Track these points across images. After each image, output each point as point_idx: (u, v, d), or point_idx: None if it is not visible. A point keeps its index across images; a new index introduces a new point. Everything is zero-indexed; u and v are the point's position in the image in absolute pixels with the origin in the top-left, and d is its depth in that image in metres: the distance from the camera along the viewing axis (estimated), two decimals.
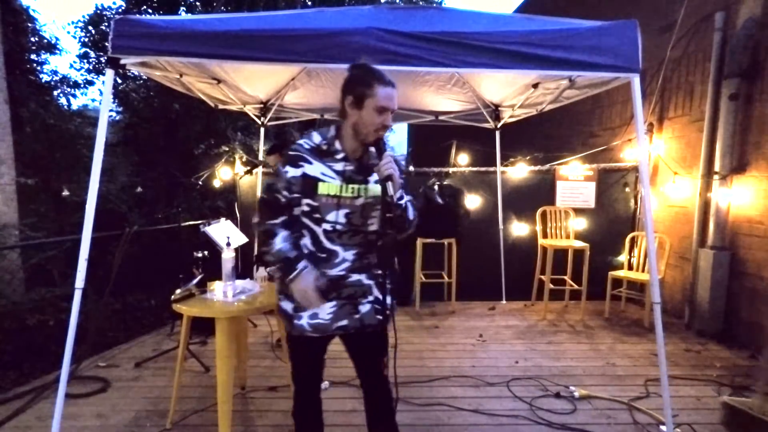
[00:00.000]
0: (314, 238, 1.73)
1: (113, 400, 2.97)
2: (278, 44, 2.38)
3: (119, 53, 2.40)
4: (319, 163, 1.70)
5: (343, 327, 1.78)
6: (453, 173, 5.44)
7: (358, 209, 1.72)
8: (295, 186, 1.70)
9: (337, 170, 1.71)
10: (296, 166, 1.70)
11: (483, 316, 4.84)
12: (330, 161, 1.71)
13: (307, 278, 1.68)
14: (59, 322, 4.19)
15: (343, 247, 1.73)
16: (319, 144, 1.73)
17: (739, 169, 4.02)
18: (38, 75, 10.12)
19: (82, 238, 2.43)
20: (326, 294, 1.72)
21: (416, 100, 4.84)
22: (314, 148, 1.72)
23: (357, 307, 1.78)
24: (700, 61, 4.44)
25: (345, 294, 1.76)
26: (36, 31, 9.78)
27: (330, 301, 1.75)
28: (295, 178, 1.70)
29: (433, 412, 2.86)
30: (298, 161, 1.71)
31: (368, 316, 1.80)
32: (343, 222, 1.71)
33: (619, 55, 2.45)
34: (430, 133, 7.75)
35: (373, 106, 1.63)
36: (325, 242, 1.72)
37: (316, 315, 1.76)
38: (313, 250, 1.74)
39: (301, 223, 1.75)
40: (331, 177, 1.70)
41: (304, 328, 1.77)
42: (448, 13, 2.91)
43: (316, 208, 1.70)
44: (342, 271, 1.74)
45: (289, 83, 4.18)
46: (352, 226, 1.72)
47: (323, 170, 1.70)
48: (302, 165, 1.70)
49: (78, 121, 9.11)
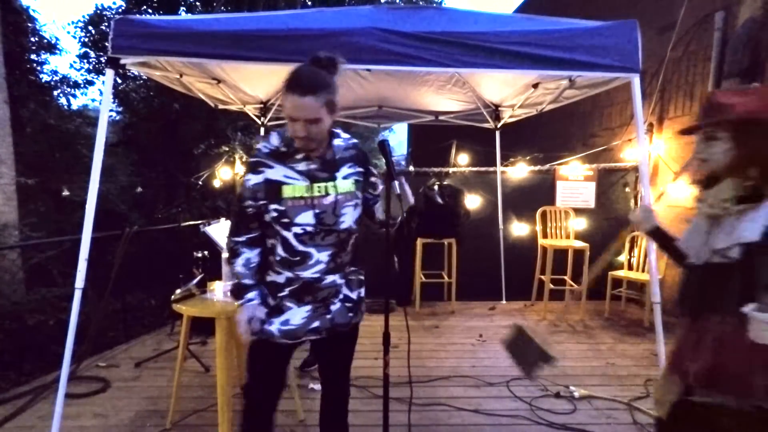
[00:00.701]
0: (285, 243, 1.64)
1: (113, 400, 2.97)
2: (278, 44, 2.39)
3: (119, 53, 2.40)
4: (280, 165, 1.63)
5: (315, 329, 1.72)
6: (453, 173, 5.44)
7: (328, 208, 1.65)
8: (260, 193, 1.62)
9: (300, 171, 1.63)
10: (257, 173, 1.63)
11: (483, 316, 4.84)
12: (292, 162, 1.64)
13: (250, 311, 1.65)
14: (59, 322, 4.19)
15: (316, 248, 1.65)
16: (278, 146, 1.65)
17: None
18: (38, 75, 10.13)
19: (82, 238, 2.43)
20: (300, 299, 1.68)
21: (416, 100, 4.84)
22: (274, 151, 1.64)
23: (328, 307, 1.73)
24: (700, 61, 4.44)
25: (320, 297, 1.70)
26: (36, 31, 9.79)
27: (305, 305, 1.69)
28: (258, 185, 1.62)
29: (433, 412, 2.86)
30: (258, 167, 1.63)
31: (339, 314, 1.75)
32: (314, 223, 1.63)
33: (619, 55, 2.45)
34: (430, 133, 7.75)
35: (286, 116, 1.57)
36: (297, 245, 1.64)
37: (288, 321, 1.69)
38: (286, 256, 1.65)
39: (273, 229, 1.66)
40: (295, 179, 1.62)
41: (273, 334, 1.69)
42: (447, 13, 2.91)
43: (284, 212, 1.62)
44: (317, 273, 1.67)
45: None
46: (324, 226, 1.65)
47: (286, 173, 1.62)
48: (263, 170, 1.62)
49: (78, 121, 9.14)
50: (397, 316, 1.75)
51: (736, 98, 1.41)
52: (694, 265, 1.52)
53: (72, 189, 7.80)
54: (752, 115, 1.37)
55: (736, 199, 1.41)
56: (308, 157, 1.64)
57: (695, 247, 1.53)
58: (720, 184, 1.46)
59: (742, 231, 1.36)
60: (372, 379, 3.18)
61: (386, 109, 5.15)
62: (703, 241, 1.49)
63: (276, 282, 1.70)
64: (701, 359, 1.44)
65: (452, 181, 5.28)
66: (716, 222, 1.45)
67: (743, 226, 1.36)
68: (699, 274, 1.50)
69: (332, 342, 1.80)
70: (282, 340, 1.70)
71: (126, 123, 11.50)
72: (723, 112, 1.41)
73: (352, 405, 2.93)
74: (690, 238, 1.57)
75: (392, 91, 4.49)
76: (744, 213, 1.38)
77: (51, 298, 4.60)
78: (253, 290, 1.69)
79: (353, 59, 2.43)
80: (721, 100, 1.43)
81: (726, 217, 1.42)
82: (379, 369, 1.88)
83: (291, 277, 1.67)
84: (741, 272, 1.36)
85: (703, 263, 1.47)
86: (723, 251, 1.40)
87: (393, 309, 4.37)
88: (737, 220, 1.39)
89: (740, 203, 1.40)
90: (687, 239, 1.59)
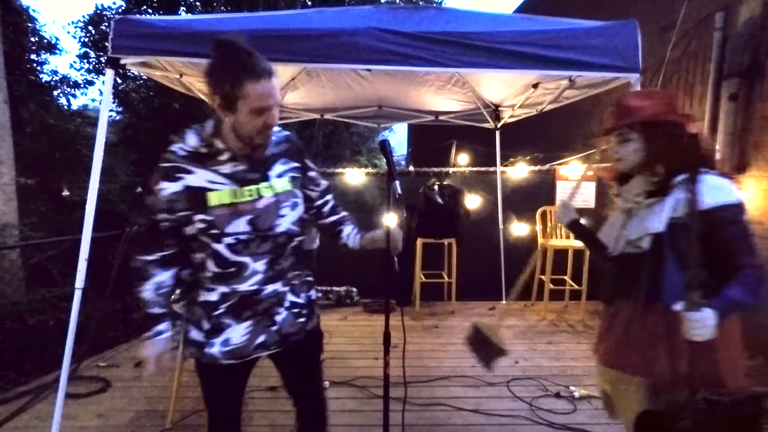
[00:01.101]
0: (217, 256, 1.45)
1: (113, 400, 2.97)
2: (278, 44, 2.39)
3: (119, 53, 2.40)
4: (202, 170, 1.41)
5: (263, 344, 1.54)
6: (453, 173, 5.44)
7: (262, 212, 1.46)
8: (179, 203, 1.40)
9: (226, 174, 1.43)
10: (174, 180, 1.39)
11: (483, 316, 4.83)
12: (215, 165, 1.42)
13: (157, 346, 1.48)
14: (59, 322, 4.20)
15: (252, 257, 1.47)
16: (196, 147, 1.42)
17: (739, 169, 4.02)
18: (38, 75, 10.14)
19: (82, 238, 2.44)
20: (238, 315, 1.50)
21: (416, 100, 4.84)
22: (192, 154, 1.42)
23: (273, 318, 1.54)
24: (700, 61, 4.44)
25: (261, 309, 1.52)
26: (36, 31, 9.80)
27: (244, 320, 1.51)
28: (177, 194, 1.39)
29: (433, 412, 2.86)
30: (174, 173, 1.39)
31: (287, 324, 1.57)
32: (247, 230, 1.44)
33: (619, 55, 2.45)
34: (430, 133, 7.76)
35: (248, 109, 1.34)
36: (230, 256, 1.44)
37: (229, 341, 1.50)
38: (218, 270, 1.46)
39: (200, 243, 1.46)
40: (221, 183, 1.42)
41: (215, 356, 1.51)
42: (447, 13, 2.91)
43: (212, 222, 1.41)
44: (254, 285, 1.49)
45: (289, 83, 4.18)
46: (259, 233, 1.46)
47: (210, 177, 1.41)
48: (181, 177, 1.39)
49: (78, 121, 9.14)
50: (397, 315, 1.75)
51: (644, 101, 1.53)
52: (612, 255, 1.64)
53: (72, 189, 7.80)
54: (658, 117, 1.50)
55: (646, 194, 1.54)
56: (234, 158, 1.44)
57: (613, 239, 1.65)
58: (632, 180, 1.60)
59: (650, 223, 1.49)
60: (372, 379, 3.18)
61: (386, 109, 5.15)
62: (619, 233, 1.62)
63: (209, 301, 1.51)
64: (611, 340, 1.62)
65: (452, 181, 5.28)
66: (630, 215, 1.59)
67: (651, 219, 1.49)
68: (615, 264, 1.63)
69: (291, 355, 1.64)
70: (228, 361, 1.52)
71: (126, 123, 11.51)
72: (633, 114, 1.52)
73: (350, 405, 2.94)
74: (609, 231, 1.70)
75: (392, 91, 4.49)
76: (652, 206, 1.51)
77: (51, 298, 4.60)
78: (163, 321, 1.50)
79: (353, 59, 2.43)
80: (631, 103, 1.54)
81: (638, 211, 1.56)
82: (379, 369, 1.88)
83: (226, 292, 1.48)
84: (650, 261, 1.49)
85: (619, 254, 1.61)
86: (635, 242, 1.54)
87: (393, 309, 4.37)
88: (647, 213, 1.52)
89: (649, 197, 1.53)
90: (606, 232, 1.72)
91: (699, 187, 1.43)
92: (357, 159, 16.70)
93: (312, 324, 1.67)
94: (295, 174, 1.57)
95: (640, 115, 1.51)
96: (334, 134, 15.28)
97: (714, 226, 1.41)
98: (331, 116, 5.44)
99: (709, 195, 1.42)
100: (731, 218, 1.41)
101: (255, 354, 1.55)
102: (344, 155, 15.92)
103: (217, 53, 1.35)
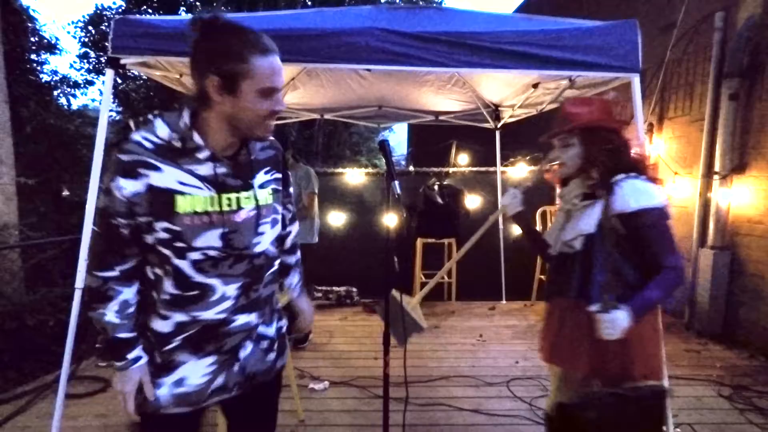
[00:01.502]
0: (178, 275, 1.17)
1: (113, 400, 2.97)
2: (278, 44, 2.37)
3: (119, 53, 2.40)
4: (172, 167, 1.14)
5: (222, 388, 1.27)
6: (453, 173, 5.44)
7: (240, 226, 1.21)
8: (140, 206, 1.13)
9: (202, 175, 1.17)
10: (135, 177, 1.12)
11: (483, 316, 4.83)
12: (190, 163, 1.16)
13: (135, 377, 1.20)
14: (59, 322, 4.19)
15: (222, 279, 1.20)
16: (168, 140, 1.15)
17: (739, 168, 4.02)
18: (38, 75, 10.13)
19: (82, 238, 2.44)
20: (198, 349, 1.23)
21: (416, 100, 4.84)
22: (161, 147, 1.15)
23: (237, 353, 1.27)
24: (700, 61, 4.44)
25: (228, 346, 1.25)
26: (36, 31, 9.79)
27: (205, 356, 1.23)
28: (138, 195, 1.12)
29: (433, 412, 2.86)
30: (136, 168, 1.12)
31: (253, 360, 1.30)
32: (219, 246, 1.18)
33: (619, 55, 2.45)
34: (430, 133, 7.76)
35: (255, 90, 1.12)
36: (194, 275, 1.18)
37: (183, 381, 1.22)
38: (177, 293, 1.18)
39: (158, 256, 1.18)
40: (195, 187, 1.16)
41: (161, 402, 1.21)
42: (448, 13, 2.91)
43: (178, 233, 1.14)
44: (222, 313, 1.21)
45: (289, 83, 4.18)
46: (234, 250, 1.20)
47: (181, 177, 1.14)
48: (145, 174, 1.12)
49: (78, 121, 9.13)
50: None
51: (582, 108, 1.62)
52: (551, 254, 1.74)
53: (72, 189, 7.80)
54: (593, 123, 1.59)
55: (582, 196, 1.64)
56: (214, 157, 1.18)
57: (553, 239, 1.75)
58: (571, 183, 1.69)
59: (582, 224, 1.59)
60: (372, 379, 3.18)
61: (386, 109, 5.15)
62: (558, 233, 1.71)
63: (160, 332, 1.21)
64: (549, 336, 1.71)
65: (452, 181, 5.29)
66: (568, 217, 1.68)
67: (584, 220, 1.59)
68: (553, 263, 1.73)
69: (250, 400, 1.35)
70: (177, 409, 1.23)
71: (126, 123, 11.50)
72: (572, 120, 1.61)
73: (350, 405, 2.94)
74: (551, 231, 1.80)
75: (392, 91, 4.49)
76: (586, 209, 1.60)
77: (51, 298, 4.59)
78: (137, 345, 1.21)
79: (353, 59, 2.43)
80: (571, 110, 1.63)
81: (574, 212, 1.65)
82: (378, 369, 1.88)
83: (184, 321, 1.20)
84: (581, 260, 1.59)
85: (557, 253, 1.70)
86: (569, 242, 1.63)
87: None
88: (581, 215, 1.61)
89: (585, 200, 1.62)
90: (549, 232, 1.81)
91: (620, 191, 1.52)
92: (357, 159, 16.72)
93: (282, 362, 1.42)
94: (276, 186, 1.33)
95: (579, 122, 1.60)
96: (334, 134, 15.29)
97: (637, 228, 1.50)
98: (331, 116, 5.44)
99: (632, 199, 1.50)
100: (652, 221, 1.50)
101: (211, 400, 1.27)
102: (344, 155, 15.93)
103: (215, 31, 1.11)
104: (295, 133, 12.96)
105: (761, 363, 3.62)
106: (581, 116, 1.60)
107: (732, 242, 4.11)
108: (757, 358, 3.69)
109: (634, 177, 1.55)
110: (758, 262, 3.84)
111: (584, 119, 1.60)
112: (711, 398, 3.04)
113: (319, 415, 2.80)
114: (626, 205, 1.50)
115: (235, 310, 1.23)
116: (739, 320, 4.02)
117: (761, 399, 3.01)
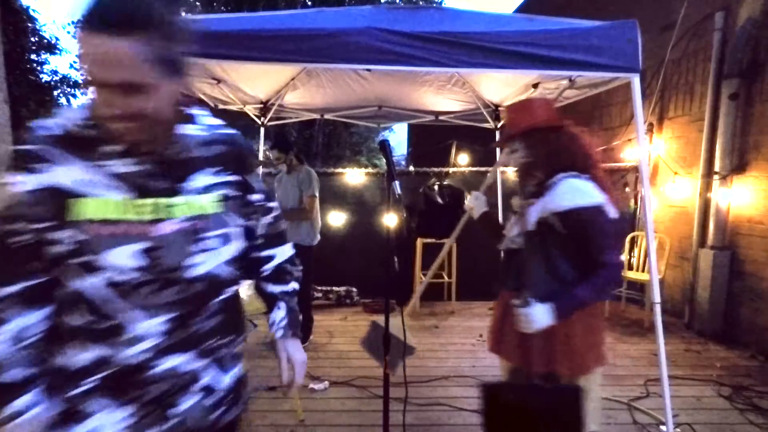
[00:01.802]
0: (86, 300, 0.93)
1: None
2: (278, 44, 2.38)
3: None
4: (77, 161, 0.91)
5: None
6: (453, 173, 5.44)
7: (164, 241, 0.94)
8: (37, 209, 0.90)
9: (117, 174, 0.93)
10: (30, 171, 0.90)
11: (483, 316, 4.83)
12: (101, 158, 0.92)
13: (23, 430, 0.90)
14: None
15: (144, 310, 0.94)
16: (77, 128, 0.93)
17: (739, 168, 4.02)
18: (38, 75, 10.13)
19: None
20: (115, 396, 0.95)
21: (416, 100, 4.84)
22: (66, 137, 0.92)
23: (174, 407, 0.99)
24: (700, 61, 4.44)
25: (151, 395, 0.96)
26: (36, 31, 9.78)
27: (123, 406, 0.95)
28: (35, 195, 0.90)
29: (433, 412, 2.87)
30: (33, 164, 0.90)
31: (194, 413, 1.02)
32: (137, 266, 0.92)
33: (619, 55, 2.45)
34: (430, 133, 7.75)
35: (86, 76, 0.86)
36: (107, 303, 0.92)
37: None
38: (90, 320, 0.93)
39: (65, 273, 0.93)
40: (105, 186, 0.92)
41: None
42: (448, 13, 2.90)
43: (84, 244, 0.90)
44: (143, 354, 0.94)
45: (289, 83, 4.18)
46: (160, 273, 0.94)
47: (86, 175, 0.91)
48: (39, 169, 0.90)
49: None
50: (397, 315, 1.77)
51: (520, 113, 1.71)
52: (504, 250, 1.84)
53: None
54: (532, 127, 1.65)
55: (529, 195, 1.70)
56: (132, 151, 0.94)
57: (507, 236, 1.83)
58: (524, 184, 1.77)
59: (524, 222, 1.67)
60: (372, 379, 3.18)
61: (386, 109, 5.15)
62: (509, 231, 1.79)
63: (68, 369, 0.95)
64: (494, 327, 1.83)
65: (452, 181, 5.28)
66: (520, 215, 1.75)
67: (526, 219, 1.66)
68: (503, 258, 1.85)
69: None
70: None
71: None
72: (512, 127, 1.70)
73: (351, 405, 2.94)
74: (506, 229, 1.86)
75: (392, 91, 4.49)
76: (530, 207, 1.67)
77: None
78: (29, 390, 0.91)
79: (353, 59, 2.43)
80: (510, 116, 1.72)
81: (521, 211, 1.73)
82: (378, 369, 1.88)
83: (96, 360, 0.94)
84: (521, 256, 1.68)
85: (505, 248, 1.80)
86: (514, 238, 1.73)
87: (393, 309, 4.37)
88: (526, 213, 1.68)
89: (531, 198, 1.69)
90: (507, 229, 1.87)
91: (556, 190, 1.58)
92: (357, 159, 16.71)
93: (232, 414, 1.11)
94: (228, 192, 1.05)
95: (517, 129, 1.67)
96: (334, 134, 15.29)
97: (573, 227, 1.56)
98: (331, 116, 5.44)
99: (566, 197, 1.56)
100: (588, 219, 1.54)
101: None
102: (344, 155, 15.92)
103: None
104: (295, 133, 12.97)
105: (761, 363, 3.62)
106: (519, 123, 1.68)
107: (732, 242, 4.11)
108: (757, 358, 3.69)
109: (574, 176, 1.59)
110: (758, 262, 3.84)
111: (522, 126, 1.66)
112: (711, 398, 3.04)
113: (319, 415, 2.80)
114: (560, 203, 1.56)
115: (160, 350, 0.96)
116: (739, 320, 4.02)
117: (761, 399, 3.02)
